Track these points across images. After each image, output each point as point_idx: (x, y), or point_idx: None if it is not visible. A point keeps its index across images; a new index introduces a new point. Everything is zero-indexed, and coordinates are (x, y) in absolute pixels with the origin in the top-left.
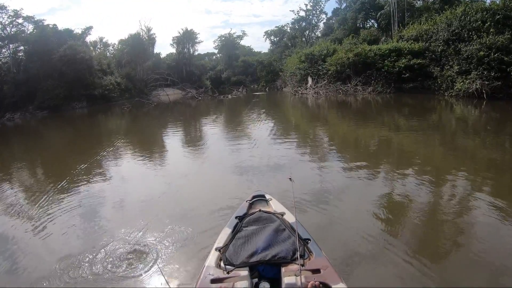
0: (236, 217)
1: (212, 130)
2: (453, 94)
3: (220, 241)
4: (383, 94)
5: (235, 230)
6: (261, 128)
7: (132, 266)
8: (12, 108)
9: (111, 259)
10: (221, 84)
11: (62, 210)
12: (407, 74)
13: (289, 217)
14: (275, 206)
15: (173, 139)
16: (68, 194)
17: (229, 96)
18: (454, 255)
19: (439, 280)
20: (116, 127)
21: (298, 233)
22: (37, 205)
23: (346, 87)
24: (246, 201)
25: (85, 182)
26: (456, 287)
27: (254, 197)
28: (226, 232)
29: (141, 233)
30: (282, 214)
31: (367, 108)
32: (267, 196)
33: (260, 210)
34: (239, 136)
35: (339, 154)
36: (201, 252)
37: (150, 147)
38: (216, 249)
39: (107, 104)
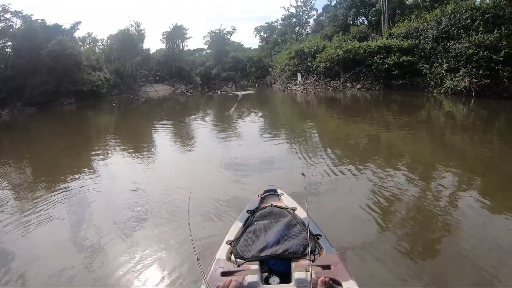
0: (247, 211)
1: (202, 128)
2: (441, 91)
3: (231, 234)
4: (372, 91)
5: (246, 224)
6: (250, 125)
7: None
8: None
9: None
10: (211, 80)
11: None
12: (396, 71)
13: (301, 213)
14: (286, 201)
15: (162, 138)
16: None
17: (218, 92)
18: (443, 253)
19: (429, 278)
20: (104, 124)
21: (309, 229)
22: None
23: (335, 84)
24: (258, 195)
25: (73, 182)
26: (449, 287)
27: (266, 191)
28: (237, 226)
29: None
30: (294, 209)
31: (357, 105)
32: (279, 191)
33: (271, 204)
34: (229, 134)
35: (329, 151)
36: None
37: (140, 145)
38: (227, 242)
39: (96, 100)
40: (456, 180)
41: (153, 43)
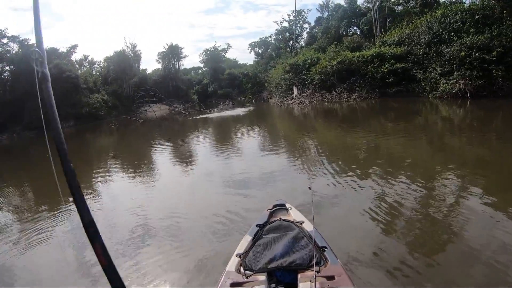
0: (257, 225)
1: (203, 146)
2: (437, 95)
3: (241, 247)
4: (368, 100)
5: (256, 237)
6: (251, 142)
7: None
8: None
9: None
10: (208, 98)
11: None
12: (391, 79)
13: (308, 226)
14: (294, 214)
15: (163, 157)
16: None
17: (216, 110)
18: (450, 253)
19: (437, 279)
20: (104, 147)
21: (315, 241)
22: None
23: (331, 95)
24: (267, 210)
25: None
26: (454, 287)
27: (275, 206)
28: (247, 239)
29: None
30: (301, 222)
31: (354, 115)
32: (287, 205)
33: (280, 218)
34: (232, 152)
35: (331, 163)
36: None
37: (142, 165)
38: (236, 255)
39: (94, 123)
40: (459, 182)
41: (150, 64)
